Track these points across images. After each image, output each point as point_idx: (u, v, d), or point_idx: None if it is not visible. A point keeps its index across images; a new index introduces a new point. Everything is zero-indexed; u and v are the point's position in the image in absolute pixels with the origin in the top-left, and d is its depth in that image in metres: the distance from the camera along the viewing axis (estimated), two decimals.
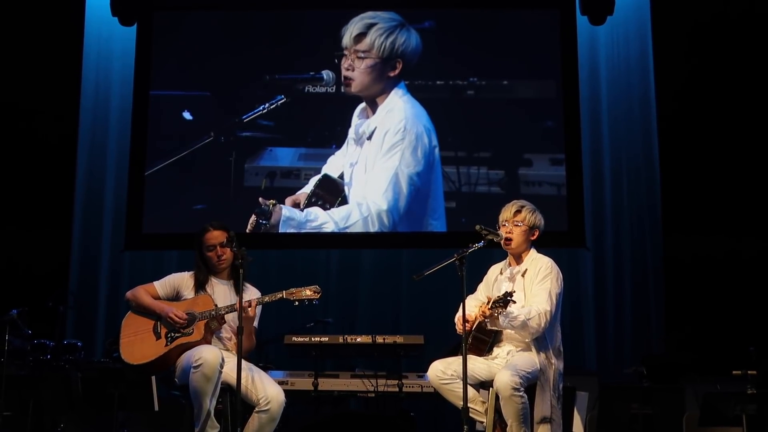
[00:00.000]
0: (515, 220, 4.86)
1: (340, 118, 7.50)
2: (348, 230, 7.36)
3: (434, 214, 7.31)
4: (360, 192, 7.35)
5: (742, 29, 7.47)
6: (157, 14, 7.78)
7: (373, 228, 7.25)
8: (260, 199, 7.36)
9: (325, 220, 7.36)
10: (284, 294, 4.94)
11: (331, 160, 7.47)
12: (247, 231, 7.29)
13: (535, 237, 4.93)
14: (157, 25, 7.75)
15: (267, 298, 4.97)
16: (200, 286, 5.07)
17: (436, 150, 7.35)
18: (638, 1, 7.74)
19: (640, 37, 7.73)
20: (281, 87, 7.53)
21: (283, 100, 7.34)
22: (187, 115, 7.59)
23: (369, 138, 7.37)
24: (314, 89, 7.53)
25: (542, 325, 4.67)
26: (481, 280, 5.11)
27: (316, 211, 7.33)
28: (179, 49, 7.70)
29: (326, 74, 7.48)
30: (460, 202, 7.39)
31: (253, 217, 7.26)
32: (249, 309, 4.85)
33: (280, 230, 7.36)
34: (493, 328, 4.76)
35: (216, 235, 5.07)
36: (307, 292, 4.94)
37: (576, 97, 7.53)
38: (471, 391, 4.68)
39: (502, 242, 4.85)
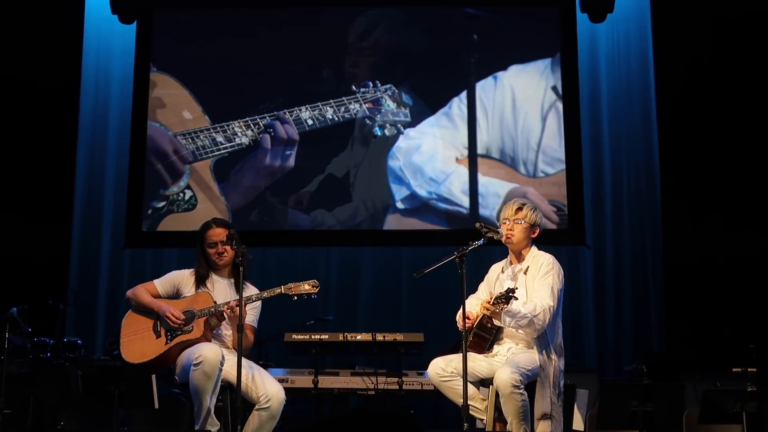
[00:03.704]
0: (516, 218, 4.87)
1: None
2: (355, 228, 7.35)
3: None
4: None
5: (743, 27, 7.47)
6: (157, 12, 7.77)
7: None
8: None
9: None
10: (282, 289, 4.95)
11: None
12: (252, 219, 7.25)
13: (535, 235, 4.94)
14: (157, 23, 7.74)
15: (265, 293, 4.98)
16: (201, 281, 5.08)
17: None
18: None
19: (641, 35, 7.74)
20: (280, 86, 7.50)
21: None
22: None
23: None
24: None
25: (547, 320, 4.68)
26: (481, 279, 5.11)
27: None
28: (179, 47, 7.68)
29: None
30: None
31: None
32: (233, 310, 4.84)
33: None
34: (497, 324, 4.76)
35: (218, 233, 5.08)
36: (306, 287, 4.94)
37: (576, 94, 7.53)
38: (471, 388, 4.68)
39: (503, 239, 4.86)
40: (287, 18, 7.72)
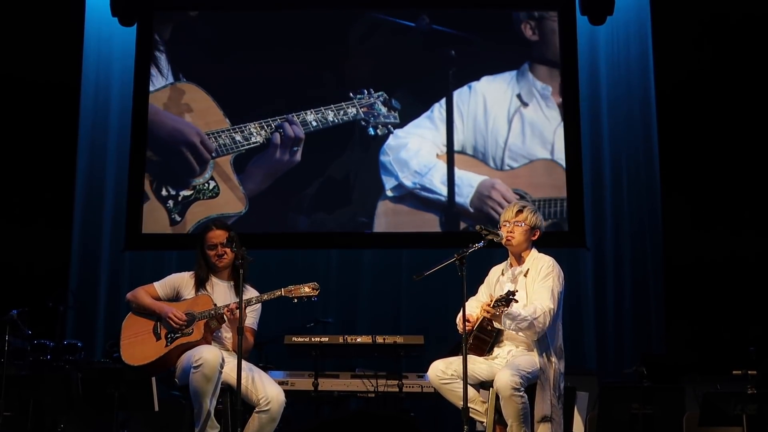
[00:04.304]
0: (516, 220, 4.88)
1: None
2: (355, 231, 7.42)
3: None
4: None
5: (743, 28, 7.47)
6: (157, 14, 7.79)
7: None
8: None
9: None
10: (282, 291, 4.95)
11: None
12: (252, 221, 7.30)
13: (536, 237, 4.94)
14: (157, 25, 7.76)
15: (266, 296, 4.98)
16: (201, 284, 5.09)
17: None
18: (638, 1, 7.74)
19: (640, 37, 7.74)
20: (289, 91, 7.51)
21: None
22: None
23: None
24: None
25: (547, 323, 4.68)
26: (481, 281, 5.11)
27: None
28: (179, 49, 7.69)
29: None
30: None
31: None
32: (233, 312, 4.84)
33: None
34: (497, 327, 4.76)
35: (218, 234, 5.09)
36: (306, 289, 4.95)
37: (576, 96, 7.54)
38: (471, 391, 4.68)
39: (503, 242, 4.85)
40: (288, 20, 7.75)
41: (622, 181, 7.67)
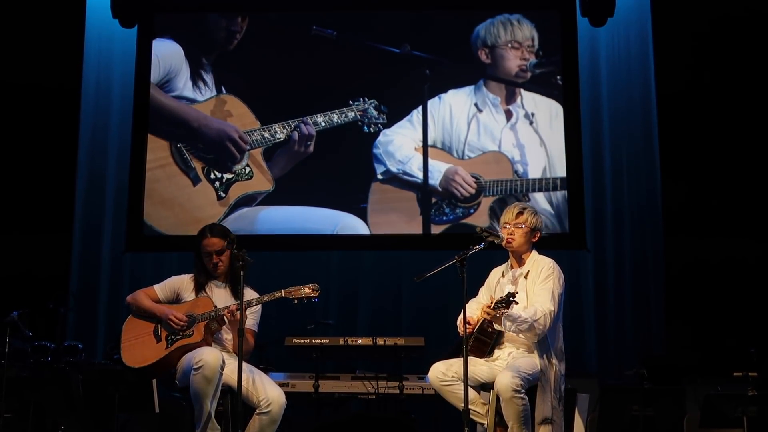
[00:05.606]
0: (517, 222, 4.88)
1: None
2: (355, 233, 7.66)
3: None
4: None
5: (743, 30, 7.48)
6: (158, 16, 7.81)
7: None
8: None
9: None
10: (283, 293, 4.95)
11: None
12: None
13: (536, 239, 4.94)
14: (158, 27, 7.80)
15: (266, 297, 4.98)
16: (200, 287, 5.08)
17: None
18: (639, 2, 7.75)
19: (641, 39, 7.74)
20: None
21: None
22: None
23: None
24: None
25: (547, 325, 4.68)
26: (482, 283, 5.11)
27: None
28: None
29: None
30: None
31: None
32: (233, 314, 4.84)
33: None
34: (497, 329, 4.76)
35: (213, 242, 5.07)
36: (306, 291, 4.94)
37: (576, 98, 7.56)
38: (472, 392, 4.68)
39: (503, 244, 4.86)
40: (289, 21, 7.96)
41: (623, 182, 7.67)
